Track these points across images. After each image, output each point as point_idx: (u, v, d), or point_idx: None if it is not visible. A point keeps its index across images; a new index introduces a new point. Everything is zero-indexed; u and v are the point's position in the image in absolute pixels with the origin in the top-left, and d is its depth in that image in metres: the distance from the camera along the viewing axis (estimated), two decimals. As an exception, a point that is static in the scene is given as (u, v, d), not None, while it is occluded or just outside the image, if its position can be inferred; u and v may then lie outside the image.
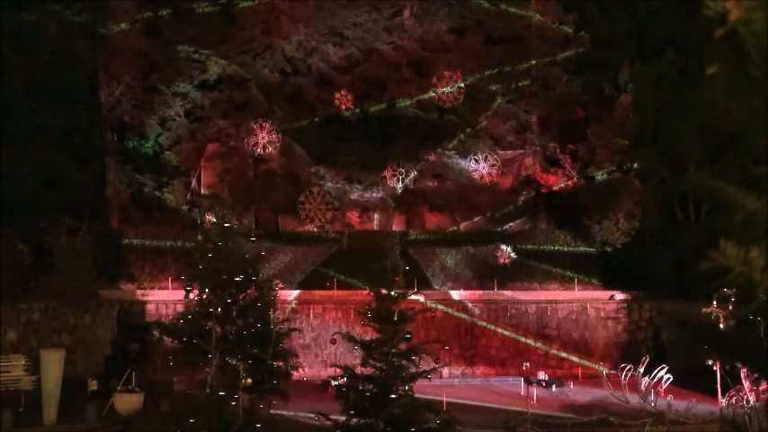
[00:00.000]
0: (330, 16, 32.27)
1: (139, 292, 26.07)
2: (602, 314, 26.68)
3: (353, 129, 32.18)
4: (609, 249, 29.26)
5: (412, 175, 31.18)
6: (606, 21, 30.75)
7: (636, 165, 30.01)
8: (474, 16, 33.22)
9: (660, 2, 29.06)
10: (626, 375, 20.96)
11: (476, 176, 31.50)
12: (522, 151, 33.33)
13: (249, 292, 17.00)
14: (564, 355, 26.06)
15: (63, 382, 17.99)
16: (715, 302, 16.94)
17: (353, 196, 32.36)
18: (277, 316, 19.41)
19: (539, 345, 26.11)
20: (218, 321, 15.38)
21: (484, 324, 26.14)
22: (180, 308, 19.45)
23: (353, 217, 32.73)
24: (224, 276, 15.77)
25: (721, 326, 16.47)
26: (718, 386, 17.82)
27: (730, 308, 16.41)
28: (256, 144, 29.89)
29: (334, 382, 14.83)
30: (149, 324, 24.25)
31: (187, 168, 32.08)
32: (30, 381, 19.38)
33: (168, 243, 27.88)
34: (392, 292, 13.75)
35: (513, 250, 28.76)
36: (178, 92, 31.54)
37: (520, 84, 33.09)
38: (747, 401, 16.39)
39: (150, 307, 25.35)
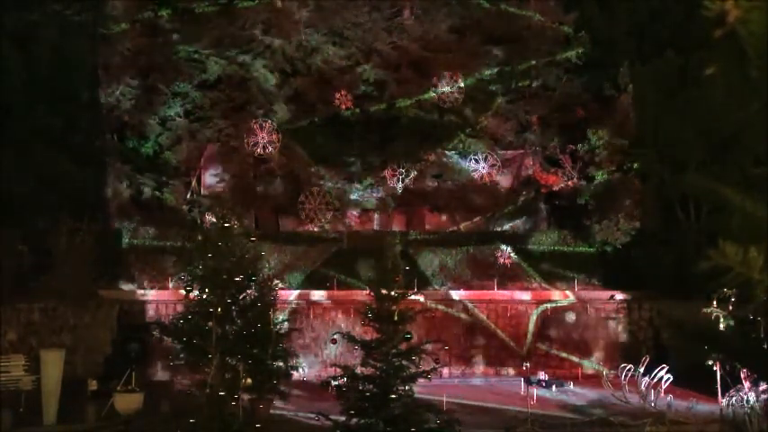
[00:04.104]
0: (330, 16, 32.28)
1: (139, 292, 26.06)
2: (603, 314, 26.69)
3: (353, 129, 32.18)
4: (609, 249, 29.25)
5: (412, 175, 31.18)
6: (606, 21, 30.73)
7: (636, 165, 30.01)
8: (474, 16, 33.22)
9: (660, 2, 29.04)
10: (626, 375, 20.97)
11: (476, 176, 31.50)
12: (522, 151, 33.33)
13: (249, 292, 17.02)
14: (564, 355, 26.07)
15: (63, 382, 17.99)
16: (715, 302, 16.94)
17: (353, 196, 32.36)
18: (277, 316, 19.46)
19: (539, 345, 26.12)
20: (218, 321, 15.37)
21: (484, 324, 26.14)
22: (180, 308, 19.47)
23: (353, 217, 32.73)
24: (224, 276, 15.77)
25: (721, 326, 16.47)
26: (719, 386, 17.83)
27: (730, 308, 16.41)
28: (256, 144, 29.89)
29: (334, 382, 14.83)
30: (149, 324, 24.29)
31: (187, 168, 32.08)
32: (30, 381, 19.39)
33: (168, 243, 27.87)
34: (392, 292, 13.75)
35: (513, 250, 28.77)
36: (178, 92, 31.54)
37: (520, 84, 33.09)
38: (747, 401, 16.39)
39: (150, 307, 25.36)
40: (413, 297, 15.60)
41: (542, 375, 23.07)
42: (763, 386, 16.21)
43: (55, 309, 23.61)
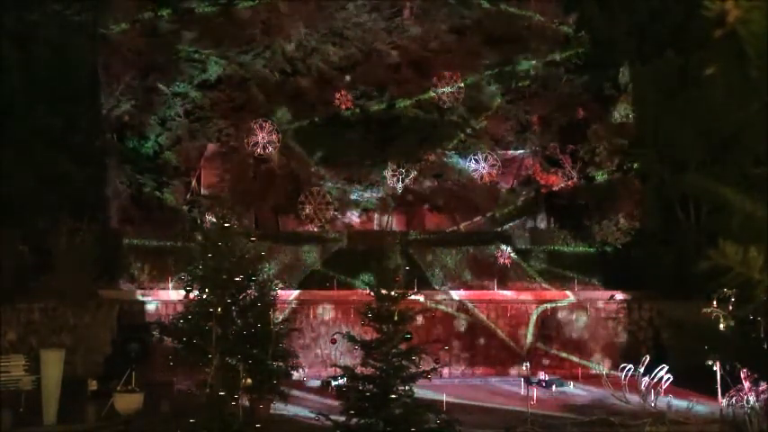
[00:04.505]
0: (330, 16, 32.30)
1: (139, 292, 26.07)
2: (603, 314, 26.68)
3: (353, 129, 32.19)
4: (609, 249, 29.25)
5: (412, 175, 31.18)
6: (606, 21, 30.74)
7: (636, 165, 30.02)
8: (474, 16, 33.24)
9: (660, 2, 29.05)
10: (626, 375, 20.96)
11: (476, 176, 31.51)
12: (522, 151, 33.34)
13: (249, 292, 17.02)
14: (564, 355, 26.06)
15: (63, 382, 17.98)
16: (715, 302, 16.94)
17: (353, 196, 32.36)
18: (277, 316, 19.46)
19: (539, 345, 26.11)
20: (218, 321, 15.38)
21: (484, 324, 26.14)
22: (180, 308, 19.47)
23: (353, 217, 32.74)
24: (224, 276, 15.78)
25: (721, 326, 16.46)
26: (719, 386, 17.83)
27: (730, 308, 16.40)
28: (256, 144, 29.90)
29: (334, 382, 14.84)
30: (149, 324, 24.29)
31: (187, 168, 32.09)
32: (30, 381, 19.39)
33: (168, 243, 27.87)
34: (392, 292, 13.75)
35: (513, 250, 28.76)
36: (178, 92, 31.56)
37: (520, 84, 33.11)
38: (747, 401, 16.38)
39: (150, 307, 25.35)
40: (413, 297, 15.60)
41: (542, 375, 23.06)
42: (763, 386, 16.20)
43: (55, 309, 23.61)
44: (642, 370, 20.39)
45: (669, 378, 19.84)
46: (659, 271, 26.05)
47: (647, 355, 21.74)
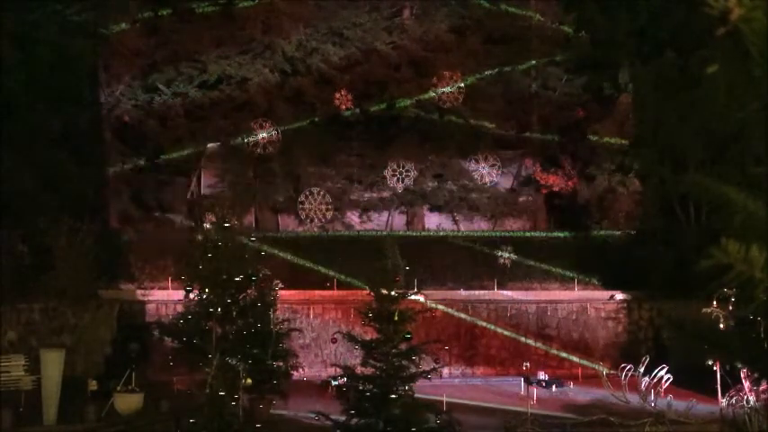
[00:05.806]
0: (330, 16, 32.30)
1: (139, 292, 26.05)
2: (602, 314, 26.68)
3: (353, 129, 32.19)
4: (609, 250, 29.23)
5: (412, 175, 31.17)
6: (606, 21, 30.75)
7: (636, 165, 30.02)
8: (474, 16, 33.26)
9: (660, 2, 29.05)
10: (626, 375, 20.95)
11: (476, 176, 31.50)
12: (522, 151, 33.33)
13: (249, 292, 17.03)
14: (564, 355, 26.05)
15: (63, 382, 17.97)
16: (715, 302, 16.93)
17: (353, 196, 32.35)
18: (277, 316, 19.47)
19: (539, 345, 26.10)
20: (218, 321, 15.39)
21: (484, 324, 26.12)
22: (180, 308, 19.46)
23: (353, 217, 32.73)
24: (224, 276, 15.78)
25: (721, 326, 16.44)
26: (718, 386, 17.81)
27: (730, 308, 16.39)
28: (256, 144, 29.89)
29: (334, 382, 14.84)
30: (149, 324, 24.27)
31: (187, 168, 32.09)
32: (30, 381, 19.35)
33: (168, 243, 27.84)
34: (392, 292, 13.74)
35: (514, 250, 28.75)
36: (178, 92, 31.54)
37: (520, 84, 33.11)
38: (747, 401, 16.37)
39: (150, 307, 25.33)
40: (413, 297, 15.60)
41: (542, 375, 23.04)
42: (763, 386, 16.19)
43: (55, 309, 23.59)
44: (642, 370, 20.37)
45: (669, 378, 19.83)
46: (659, 271, 26.04)
47: (647, 355, 21.73)
